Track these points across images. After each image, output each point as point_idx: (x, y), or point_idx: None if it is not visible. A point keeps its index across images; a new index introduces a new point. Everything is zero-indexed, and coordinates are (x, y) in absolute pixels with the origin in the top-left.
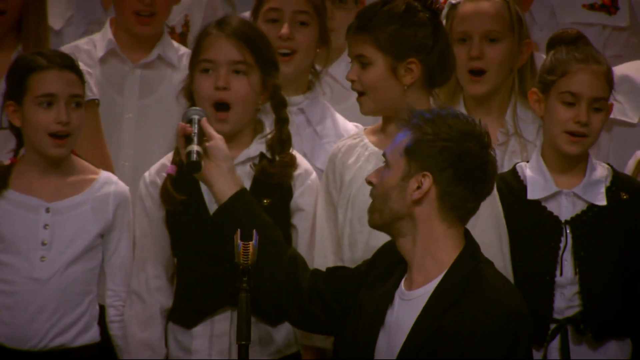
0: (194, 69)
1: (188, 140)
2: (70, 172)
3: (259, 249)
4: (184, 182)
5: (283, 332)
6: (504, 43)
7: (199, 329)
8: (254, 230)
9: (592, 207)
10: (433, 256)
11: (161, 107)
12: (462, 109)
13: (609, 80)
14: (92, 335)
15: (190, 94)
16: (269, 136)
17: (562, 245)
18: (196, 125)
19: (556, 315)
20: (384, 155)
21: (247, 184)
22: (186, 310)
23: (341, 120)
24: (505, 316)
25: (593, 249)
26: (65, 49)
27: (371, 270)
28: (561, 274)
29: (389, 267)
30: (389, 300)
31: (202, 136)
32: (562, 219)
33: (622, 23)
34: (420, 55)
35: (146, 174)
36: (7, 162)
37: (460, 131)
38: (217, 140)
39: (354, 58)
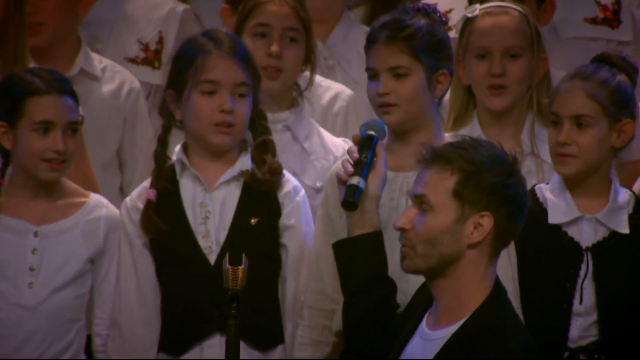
0: (191, 88)
1: (355, 166)
2: (60, 195)
3: (368, 304)
4: (166, 206)
5: (275, 357)
6: (524, 58)
7: (187, 356)
8: (243, 255)
9: (614, 234)
10: (462, 298)
11: (91, 121)
12: (475, 127)
13: (594, 97)
14: None
15: (167, 111)
16: (251, 150)
17: (582, 272)
18: (370, 151)
19: (570, 344)
20: (419, 196)
21: (234, 202)
22: (174, 338)
23: (327, 135)
24: None
25: (614, 278)
26: None
27: (407, 312)
28: (580, 302)
29: (416, 308)
30: (409, 335)
31: (372, 164)
32: (583, 245)
33: (625, 37)
34: (450, 67)
35: (127, 198)
36: None
37: (501, 162)
38: (379, 174)
39: (385, 70)
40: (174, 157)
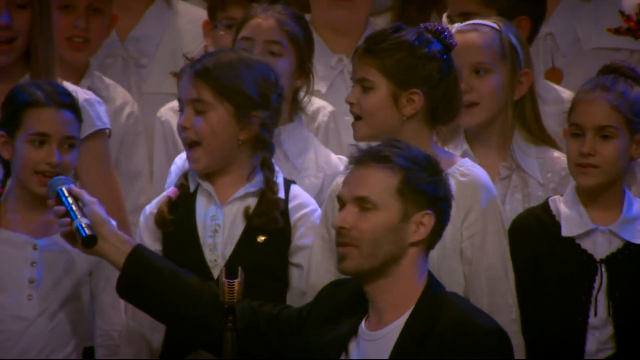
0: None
1: (68, 216)
2: None
3: (176, 298)
4: (181, 211)
5: None
6: (494, 74)
7: None
8: (239, 268)
9: (628, 245)
10: (405, 293)
11: None
12: (462, 141)
13: (618, 108)
14: None
15: None
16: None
17: (596, 285)
18: (68, 198)
19: (587, 358)
20: (361, 198)
21: (242, 223)
22: (173, 346)
23: (324, 153)
24: (486, 336)
25: (628, 290)
26: None
27: (312, 314)
28: (595, 315)
29: (335, 311)
30: (341, 345)
31: (77, 204)
32: (597, 257)
33: None
34: (424, 87)
35: (147, 206)
36: None
37: (431, 162)
38: (92, 205)
39: (356, 81)
40: None
